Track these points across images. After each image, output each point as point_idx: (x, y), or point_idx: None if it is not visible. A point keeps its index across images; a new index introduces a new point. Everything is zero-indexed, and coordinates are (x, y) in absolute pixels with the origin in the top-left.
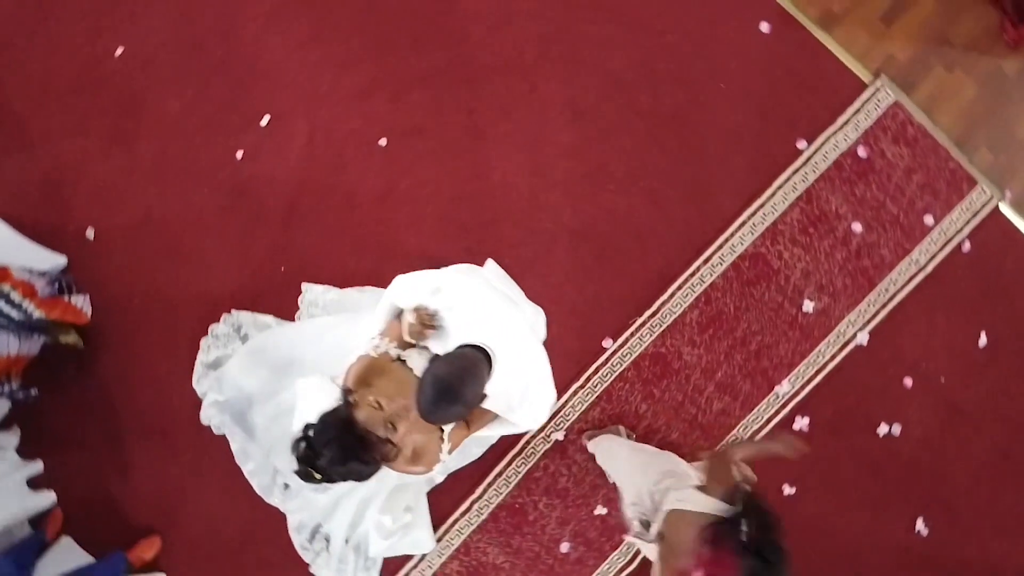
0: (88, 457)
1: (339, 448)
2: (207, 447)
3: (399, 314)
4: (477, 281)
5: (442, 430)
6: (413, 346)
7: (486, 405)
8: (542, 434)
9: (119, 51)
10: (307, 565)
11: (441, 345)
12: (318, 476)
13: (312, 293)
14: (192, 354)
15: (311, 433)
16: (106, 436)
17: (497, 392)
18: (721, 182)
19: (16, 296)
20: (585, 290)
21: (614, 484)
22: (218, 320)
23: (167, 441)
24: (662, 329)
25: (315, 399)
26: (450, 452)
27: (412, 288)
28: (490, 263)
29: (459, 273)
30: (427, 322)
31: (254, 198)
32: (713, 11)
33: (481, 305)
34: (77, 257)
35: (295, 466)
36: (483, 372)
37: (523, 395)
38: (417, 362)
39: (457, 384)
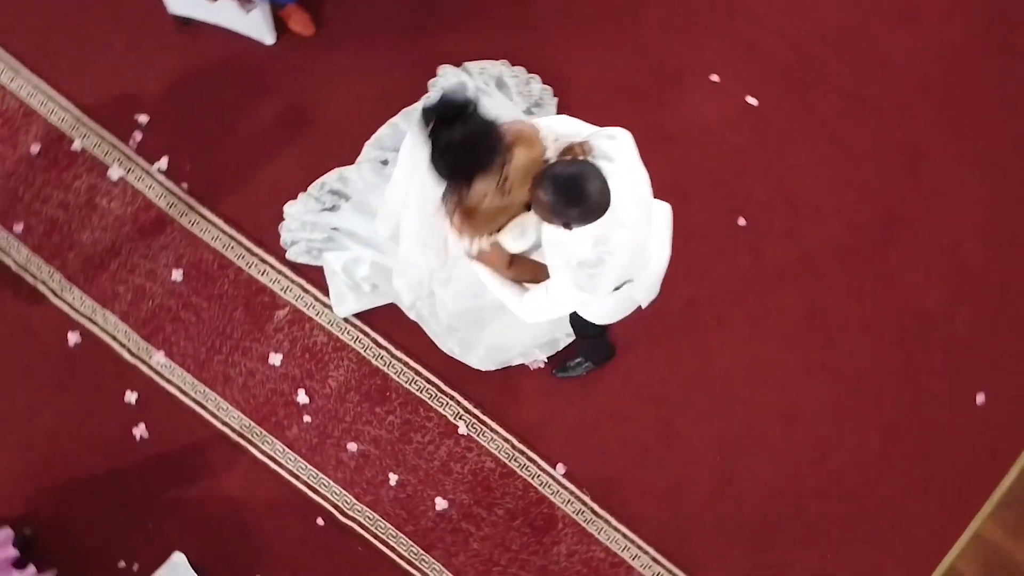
0: None
1: (471, 130)
2: None
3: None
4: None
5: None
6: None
7: (568, 245)
8: (461, 407)
9: None
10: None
11: None
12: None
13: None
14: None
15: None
16: None
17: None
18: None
19: None
20: (608, 430)
21: None
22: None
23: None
24: (579, 519)
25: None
26: (475, 250)
27: (627, 159)
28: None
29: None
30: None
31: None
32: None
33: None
34: None
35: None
36: (602, 211)
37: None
38: None
39: (582, 188)
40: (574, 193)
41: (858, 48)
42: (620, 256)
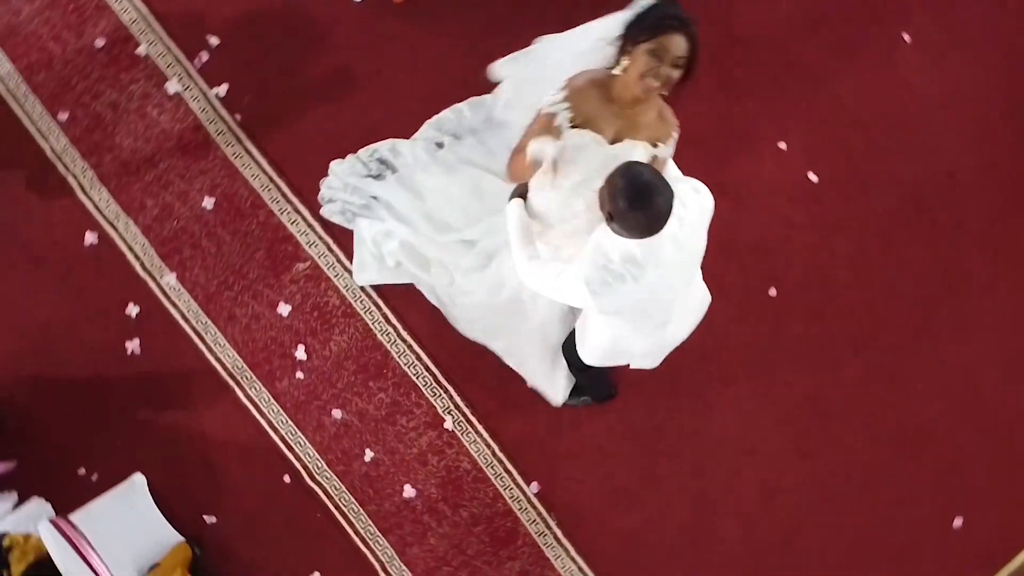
0: None
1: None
2: None
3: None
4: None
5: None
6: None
7: (605, 242)
8: (452, 402)
9: None
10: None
11: None
12: None
13: None
14: None
15: None
16: None
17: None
18: None
19: None
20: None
21: None
22: None
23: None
24: (540, 541)
25: None
26: (553, 110)
27: (699, 216)
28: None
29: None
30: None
31: None
32: None
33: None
34: None
35: None
36: (649, 231)
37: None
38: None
39: (649, 200)
40: (641, 196)
41: (931, 159)
42: (642, 289)
